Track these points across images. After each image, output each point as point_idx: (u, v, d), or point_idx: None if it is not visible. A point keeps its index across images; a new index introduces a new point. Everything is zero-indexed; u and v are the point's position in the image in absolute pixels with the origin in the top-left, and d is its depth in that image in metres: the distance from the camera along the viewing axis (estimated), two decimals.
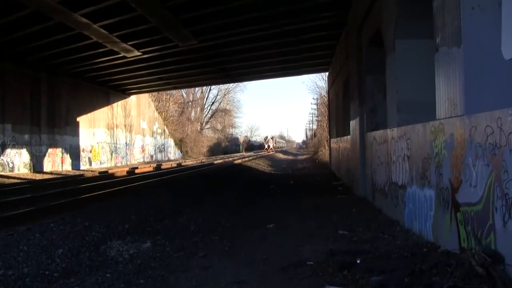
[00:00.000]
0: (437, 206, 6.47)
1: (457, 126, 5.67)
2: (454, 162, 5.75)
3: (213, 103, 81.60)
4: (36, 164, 26.51)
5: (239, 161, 38.59)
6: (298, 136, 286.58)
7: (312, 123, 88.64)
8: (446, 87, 6.23)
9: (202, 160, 44.57)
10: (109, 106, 34.73)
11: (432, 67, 6.82)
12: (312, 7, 16.41)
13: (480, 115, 5.05)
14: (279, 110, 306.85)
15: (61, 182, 20.17)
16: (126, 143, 38.31)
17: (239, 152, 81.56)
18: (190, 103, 74.14)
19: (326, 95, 39.04)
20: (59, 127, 28.45)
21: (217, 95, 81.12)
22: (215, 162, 39.29)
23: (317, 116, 70.97)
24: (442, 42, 6.36)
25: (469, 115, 5.36)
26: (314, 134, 73.16)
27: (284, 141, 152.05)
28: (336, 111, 23.33)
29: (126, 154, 38.53)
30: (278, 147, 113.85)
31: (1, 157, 23.74)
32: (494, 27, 5.61)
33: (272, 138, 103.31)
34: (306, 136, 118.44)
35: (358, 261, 5.77)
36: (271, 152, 75.58)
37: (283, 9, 16.36)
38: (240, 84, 77.39)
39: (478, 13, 5.68)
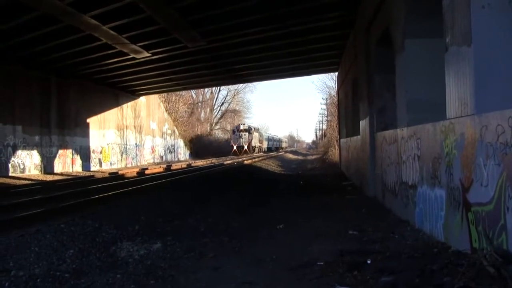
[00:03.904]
0: (448, 206, 6.43)
1: (468, 125, 5.63)
2: (465, 162, 5.71)
3: (222, 103, 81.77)
4: (47, 165, 26.68)
5: (249, 161, 38.56)
6: (308, 136, 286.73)
7: (322, 123, 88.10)
8: (456, 87, 6.19)
9: (212, 161, 44.59)
10: (119, 107, 34.85)
11: (442, 66, 6.78)
12: (320, 7, 16.37)
13: (490, 114, 5.01)
14: (288, 110, 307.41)
15: (72, 183, 20.28)
16: (136, 144, 38.42)
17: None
18: (199, 104, 74.38)
19: (335, 95, 38.95)
20: (69, 128, 28.61)
21: (227, 95, 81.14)
22: (225, 162, 39.29)
23: (326, 116, 70.90)
24: (452, 41, 6.33)
25: (480, 114, 5.33)
26: (324, 134, 72.85)
27: (286, 139, 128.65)
28: (346, 111, 23.27)
29: (136, 155, 38.65)
30: (269, 148, 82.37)
31: (12, 159, 23.90)
32: (505, 26, 5.58)
33: (249, 130, 64.65)
34: (316, 136, 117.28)
35: (368, 261, 5.74)
36: (244, 158, 47.44)
37: (291, 9, 16.33)
38: (250, 84, 77.33)
39: (488, 11, 5.64)
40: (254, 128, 69.02)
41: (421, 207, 7.84)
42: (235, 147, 61.75)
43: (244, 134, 63.35)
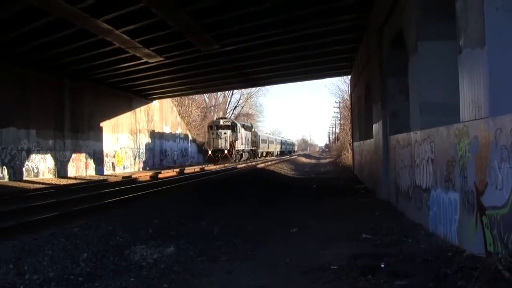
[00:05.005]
0: (462, 210, 6.37)
1: (482, 128, 5.59)
2: (479, 165, 5.67)
3: (235, 107, 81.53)
4: (61, 169, 26.86)
5: (262, 165, 38.53)
6: (321, 139, 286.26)
7: (335, 127, 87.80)
8: (470, 89, 6.15)
9: (225, 165, 44.58)
10: (132, 111, 35.04)
11: (456, 69, 6.74)
12: (333, 10, 16.38)
13: (505, 117, 4.96)
14: (302, 113, 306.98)
15: (85, 187, 20.40)
16: (149, 148, 38.55)
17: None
18: (212, 108, 74.47)
19: (348, 99, 38.88)
20: (82, 132, 28.80)
21: (240, 99, 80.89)
22: (238, 166, 39.28)
23: (339, 120, 70.72)
24: (466, 44, 6.29)
25: (494, 117, 5.28)
26: (337, 137, 72.64)
27: (296, 142, 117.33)
28: (359, 114, 23.21)
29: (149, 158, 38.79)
30: (270, 153, 69.57)
31: (26, 163, 24.08)
32: None
33: (233, 127, 45.50)
34: (329, 140, 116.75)
35: (382, 265, 5.72)
36: (258, 162, 40.83)
37: (304, 12, 16.34)
38: (262, 88, 77.19)
39: (502, 14, 5.60)
40: (244, 126, 51.59)
41: (434, 210, 7.78)
42: (210, 152, 43.51)
43: (225, 133, 43.92)
